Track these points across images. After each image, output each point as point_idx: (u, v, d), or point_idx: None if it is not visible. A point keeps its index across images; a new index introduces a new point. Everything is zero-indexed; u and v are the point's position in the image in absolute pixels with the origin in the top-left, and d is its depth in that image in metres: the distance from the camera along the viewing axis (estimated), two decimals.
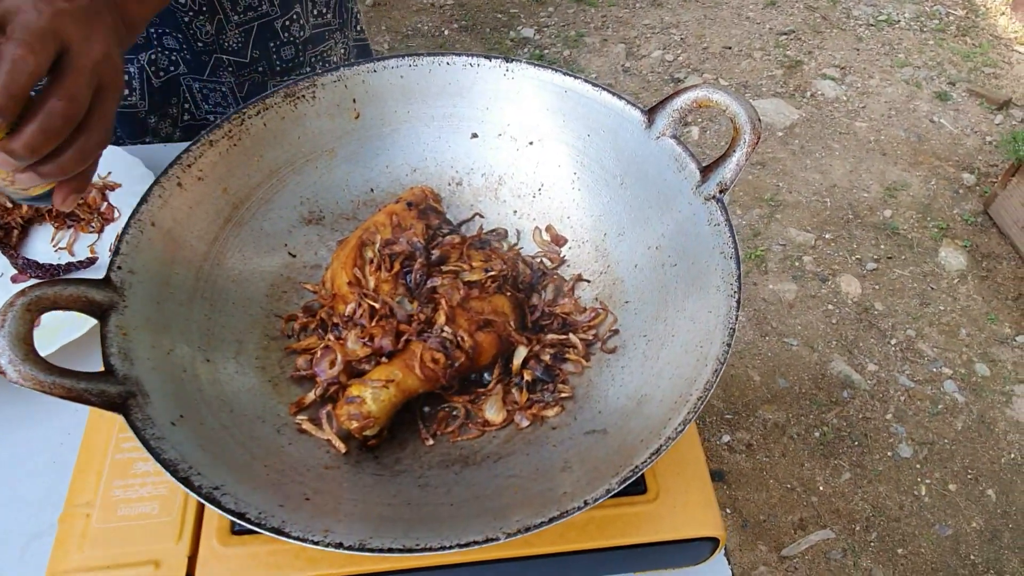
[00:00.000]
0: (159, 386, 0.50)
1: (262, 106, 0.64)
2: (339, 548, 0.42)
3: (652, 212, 0.63)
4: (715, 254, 0.57)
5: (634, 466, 0.46)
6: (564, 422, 0.57)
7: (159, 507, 0.56)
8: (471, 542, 0.43)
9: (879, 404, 1.99)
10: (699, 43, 3.14)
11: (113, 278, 0.52)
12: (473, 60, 0.68)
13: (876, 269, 2.28)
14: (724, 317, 0.53)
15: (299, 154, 0.67)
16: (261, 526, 0.43)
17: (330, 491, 0.50)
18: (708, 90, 0.59)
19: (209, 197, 0.62)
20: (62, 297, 0.48)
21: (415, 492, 0.51)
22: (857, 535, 1.77)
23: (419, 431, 0.58)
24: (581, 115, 0.67)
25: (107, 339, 0.49)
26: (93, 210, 0.87)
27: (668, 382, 0.53)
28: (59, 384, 0.44)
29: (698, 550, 0.59)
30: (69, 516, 0.56)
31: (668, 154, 0.62)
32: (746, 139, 0.57)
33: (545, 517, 0.44)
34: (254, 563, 0.54)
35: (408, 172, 0.71)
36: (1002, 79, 2.92)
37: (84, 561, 0.54)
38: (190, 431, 0.48)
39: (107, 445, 0.59)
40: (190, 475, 0.45)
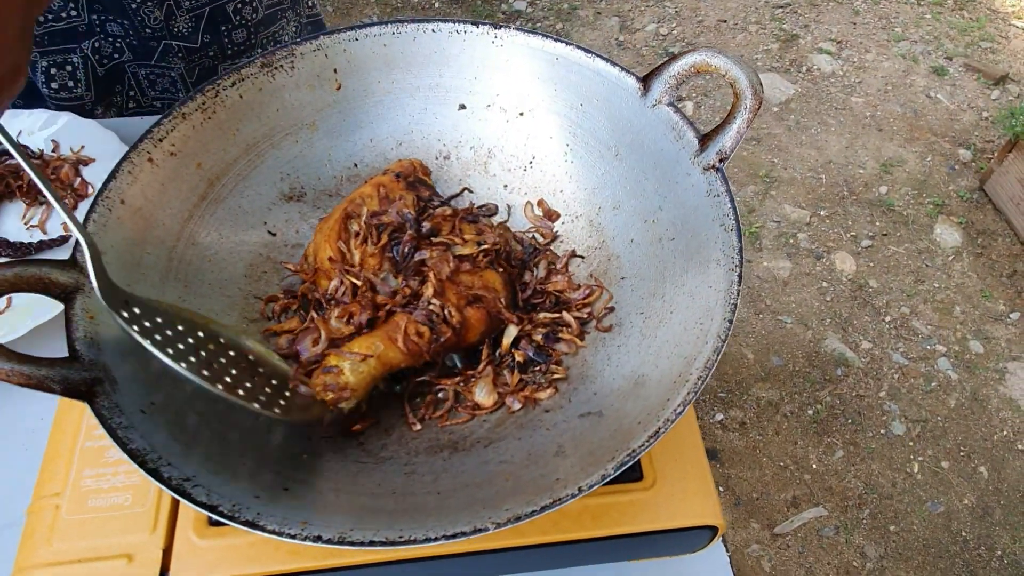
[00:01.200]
0: (129, 372, 0.47)
1: (237, 77, 0.61)
2: (317, 541, 0.40)
3: (649, 184, 0.61)
4: (715, 226, 0.54)
5: (631, 450, 0.44)
6: (558, 404, 0.54)
7: (132, 497, 0.54)
8: (458, 533, 0.40)
9: (873, 382, 1.98)
10: (694, 16, 3.09)
11: (78, 258, 0.49)
12: (460, 27, 0.65)
13: (871, 246, 2.26)
14: (725, 292, 0.50)
15: (278, 127, 0.64)
16: (234, 519, 0.40)
17: (310, 481, 0.48)
18: (707, 54, 0.56)
19: (182, 173, 0.58)
20: (22, 279, 0.45)
21: (400, 480, 0.49)
22: (849, 512, 1.77)
23: (406, 416, 0.55)
24: (573, 84, 0.64)
25: (72, 323, 0.46)
26: (66, 186, 0.83)
27: (667, 361, 0.51)
28: (18, 371, 0.41)
29: (696, 538, 0.57)
30: (37, 508, 0.54)
31: (665, 123, 0.59)
32: (747, 105, 0.54)
33: (537, 506, 0.41)
34: (233, 556, 0.51)
35: (393, 146, 0.68)
36: (999, 54, 2.89)
37: (53, 555, 0.51)
38: (162, 420, 0.46)
39: (77, 432, 0.57)
40: (159, 466, 0.42)
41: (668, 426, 0.45)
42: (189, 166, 0.59)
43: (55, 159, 0.85)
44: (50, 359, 0.44)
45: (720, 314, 0.49)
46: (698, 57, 0.56)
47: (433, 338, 0.53)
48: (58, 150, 0.86)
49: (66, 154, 0.86)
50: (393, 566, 0.53)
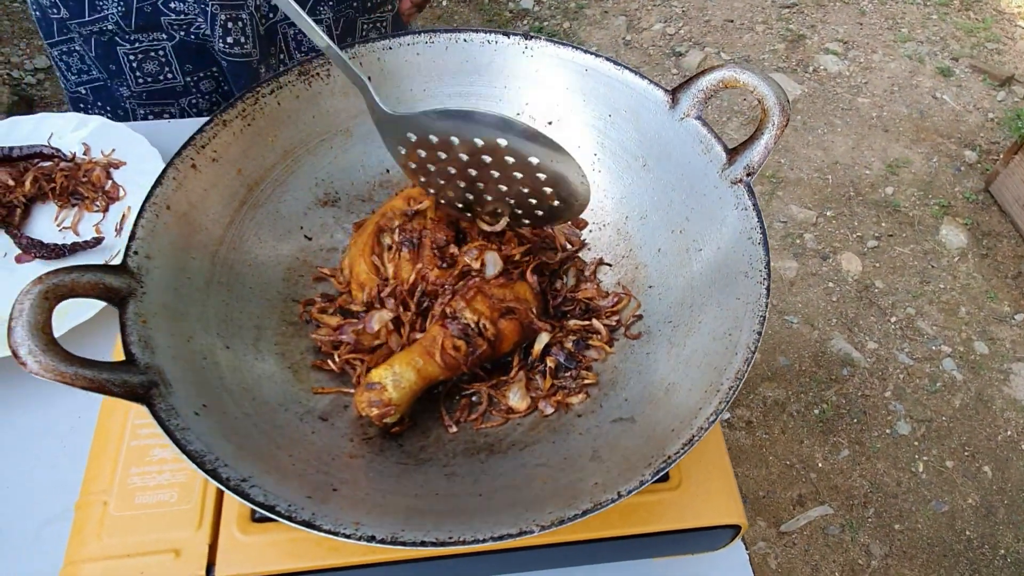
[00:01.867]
0: (180, 375, 0.49)
1: (275, 84, 0.63)
2: (371, 541, 0.42)
3: (676, 195, 0.62)
4: (742, 239, 0.56)
5: (667, 456, 0.46)
6: (589, 409, 0.56)
7: (178, 494, 0.56)
8: (505, 535, 0.42)
9: (878, 382, 2.00)
10: (701, 16, 3.10)
11: (130, 263, 0.51)
12: (491, 37, 0.66)
13: (877, 247, 2.28)
14: (754, 304, 0.52)
15: (313, 134, 0.66)
16: (291, 519, 0.42)
17: (356, 481, 0.49)
18: (735, 70, 0.58)
19: (224, 179, 0.60)
20: (79, 284, 0.47)
21: (442, 482, 0.50)
22: (855, 511, 1.79)
23: (442, 418, 0.57)
24: (602, 95, 0.65)
25: (127, 327, 0.48)
26: (97, 188, 0.85)
27: (697, 370, 0.52)
28: (81, 375, 0.43)
29: (719, 537, 0.59)
30: (86, 504, 0.56)
31: (693, 136, 0.61)
32: (775, 121, 0.56)
33: (579, 509, 0.43)
34: (275, 551, 0.53)
35: None
36: (1005, 55, 2.90)
37: (103, 550, 0.53)
38: (214, 421, 0.47)
39: (122, 432, 0.59)
40: (217, 467, 0.44)
41: (702, 434, 0.46)
42: (230, 172, 0.61)
43: (87, 162, 0.86)
44: (109, 363, 0.45)
45: (749, 326, 0.51)
46: (726, 73, 0.58)
47: (469, 351, 0.55)
48: (89, 153, 0.88)
49: (97, 157, 0.87)
50: (427, 562, 0.55)
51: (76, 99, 1.06)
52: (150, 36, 0.95)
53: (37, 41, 2.80)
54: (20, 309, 0.44)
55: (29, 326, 0.43)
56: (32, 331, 0.43)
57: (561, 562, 0.61)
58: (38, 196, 0.86)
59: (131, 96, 1.01)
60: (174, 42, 0.97)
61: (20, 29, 2.84)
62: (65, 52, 0.99)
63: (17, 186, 0.84)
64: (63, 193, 0.85)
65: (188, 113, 1.05)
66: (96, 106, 1.05)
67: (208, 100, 1.05)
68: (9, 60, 2.71)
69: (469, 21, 3.07)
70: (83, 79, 1.02)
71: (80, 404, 0.73)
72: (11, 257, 0.82)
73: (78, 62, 1.00)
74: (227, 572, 0.52)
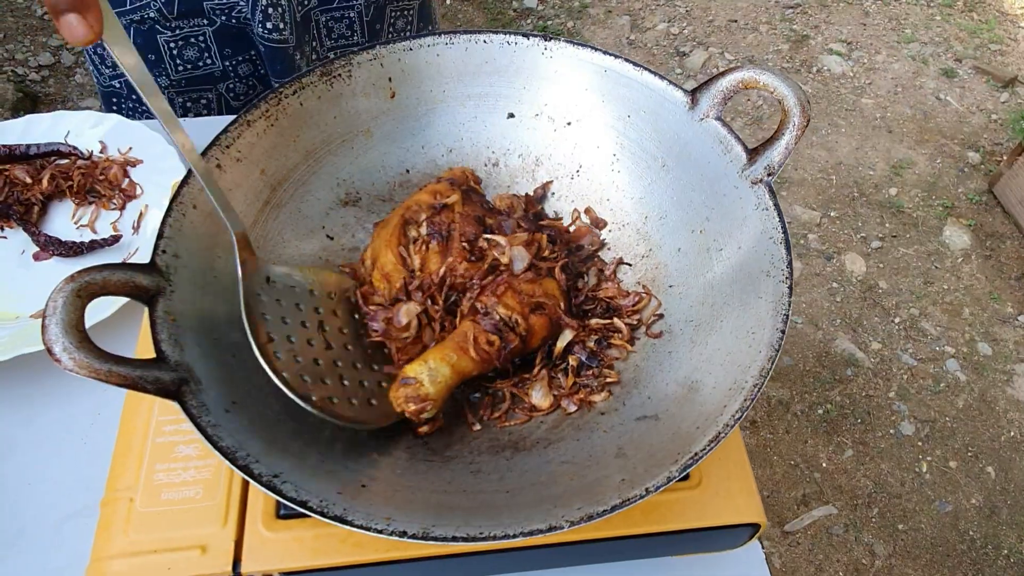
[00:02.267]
0: (209, 372, 0.49)
1: (298, 85, 0.63)
2: (403, 536, 0.42)
3: (695, 195, 0.63)
4: (763, 239, 0.56)
5: (693, 453, 0.46)
6: (612, 408, 0.57)
7: (203, 491, 0.56)
8: (534, 530, 0.42)
9: (882, 382, 2.01)
10: (704, 16, 3.11)
11: (158, 262, 0.51)
12: (510, 38, 0.67)
13: (881, 247, 2.28)
14: (776, 303, 0.52)
15: (335, 134, 0.66)
16: (324, 514, 0.42)
17: (384, 478, 0.50)
18: (755, 71, 0.58)
19: (248, 179, 0.60)
20: (110, 282, 0.47)
21: (468, 479, 0.51)
22: (859, 511, 1.79)
23: (465, 416, 0.57)
24: (621, 96, 0.66)
25: (156, 325, 0.48)
26: (114, 187, 0.86)
27: (720, 368, 0.53)
28: (115, 372, 0.43)
29: (738, 535, 0.60)
30: (111, 500, 0.56)
31: (713, 136, 0.61)
32: (795, 122, 0.56)
33: (607, 505, 0.44)
34: (300, 547, 0.54)
35: (444, 152, 0.70)
36: (1008, 56, 2.91)
37: (130, 545, 0.54)
38: (243, 418, 0.48)
39: (147, 429, 0.59)
40: (249, 463, 0.44)
41: (728, 431, 0.47)
42: (254, 172, 0.61)
43: (104, 160, 0.87)
44: (141, 360, 0.46)
45: (772, 324, 0.51)
46: (746, 74, 0.58)
47: (502, 346, 0.56)
48: (106, 151, 0.88)
49: (114, 155, 0.88)
50: (450, 559, 0.55)
51: (109, 93, 1.06)
52: (191, 22, 0.96)
53: (41, 38, 2.80)
54: (53, 307, 0.44)
55: (63, 324, 0.43)
56: (66, 328, 0.43)
57: (582, 559, 0.62)
58: (55, 194, 0.86)
59: (169, 85, 1.02)
60: (215, 27, 0.97)
61: (24, 26, 2.84)
62: (99, 44, 1.00)
63: (35, 184, 0.85)
64: (80, 191, 0.85)
65: (225, 99, 1.05)
66: (131, 99, 1.06)
67: (245, 84, 1.06)
68: (13, 57, 2.71)
69: (472, 20, 3.07)
70: (117, 72, 1.03)
71: (99, 401, 0.73)
72: (29, 255, 0.82)
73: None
74: (253, 568, 0.53)
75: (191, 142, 0.52)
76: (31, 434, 0.71)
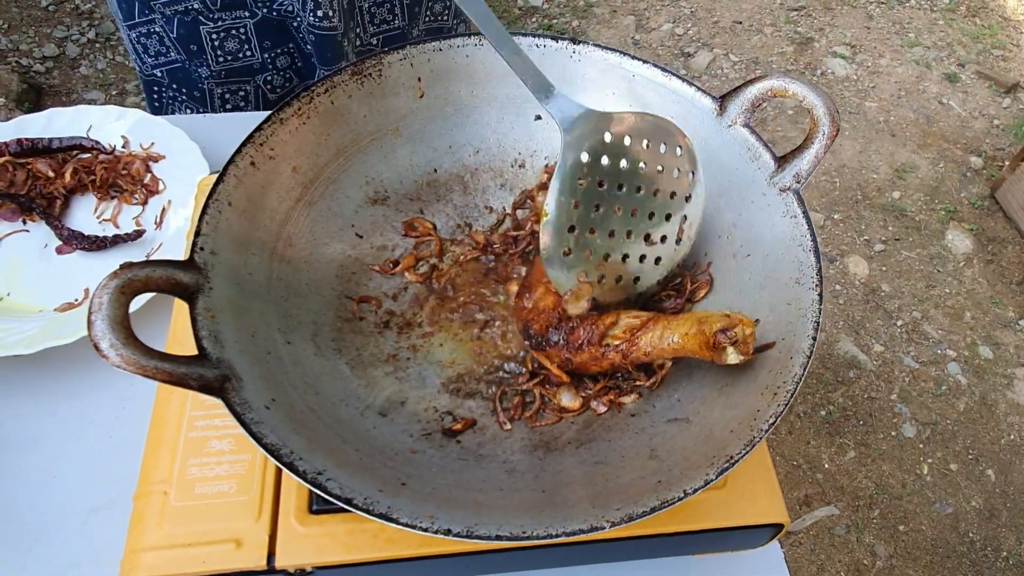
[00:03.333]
0: (248, 369, 0.49)
1: (330, 84, 0.63)
2: (448, 535, 0.43)
3: (723, 201, 0.63)
4: (792, 246, 0.57)
5: (729, 457, 0.47)
6: (642, 409, 0.57)
7: (236, 486, 0.56)
8: (576, 530, 0.43)
9: (884, 384, 2.02)
10: (709, 17, 3.11)
11: (197, 259, 0.52)
12: (539, 41, 0.67)
13: (884, 251, 2.30)
14: (807, 310, 0.53)
15: (364, 133, 0.67)
16: (369, 512, 0.43)
17: (422, 476, 0.50)
18: (784, 80, 0.59)
19: (280, 176, 0.61)
20: (152, 279, 0.48)
21: (503, 478, 0.51)
22: (860, 512, 1.81)
23: (497, 415, 0.58)
24: (649, 101, 0.66)
25: (197, 322, 0.49)
26: (137, 181, 0.86)
27: (751, 372, 0.53)
28: (161, 368, 0.44)
29: (761, 535, 0.61)
30: (145, 494, 0.56)
31: (741, 143, 0.62)
32: (824, 131, 0.57)
33: (647, 507, 0.44)
34: (332, 542, 0.54)
35: (471, 153, 0.71)
36: (1011, 61, 2.92)
37: (165, 538, 0.54)
38: (283, 415, 0.48)
39: (179, 423, 0.59)
40: (293, 460, 0.45)
41: (763, 435, 0.47)
42: (286, 170, 0.61)
43: (126, 155, 0.87)
44: (185, 357, 0.46)
45: (803, 331, 0.52)
46: (776, 82, 0.59)
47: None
48: (128, 146, 0.89)
49: (136, 150, 0.88)
50: (479, 555, 0.56)
51: (150, 82, 1.06)
52: (233, 14, 0.97)
53: (46, 29, 2.79)
54: (99, 303, 0.44)
55: (109, 320, 0.44)
56: (112, 324, 0.44)
57: (604, 556, 0.63)
58: (78, 188, 0.86)
59: (210, 76, 1.03)
60: (256, 19, 0.99)
61: (29, 17, 2.83)
62: (144, 34, 1.00)
63: (57, 177, 0.85)
64: (103, 185, 0.86)
65: (263, 90, 1.07)
66: (171, 88, 1.07)
67: (283, 77, 1.07)
68: (18, 48, 2.70)
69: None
70: (160, 61, 1.03)
71: (123, 396, 0.74)
72: (52, 248, 0.82)
73: (156, 44, 1.01)
74: (287, 563, 0.53)
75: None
76: (56, 427, 0.72)
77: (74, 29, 2.80)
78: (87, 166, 0.86)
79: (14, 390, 0.73)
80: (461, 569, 0.58)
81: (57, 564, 0.65)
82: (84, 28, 2.81)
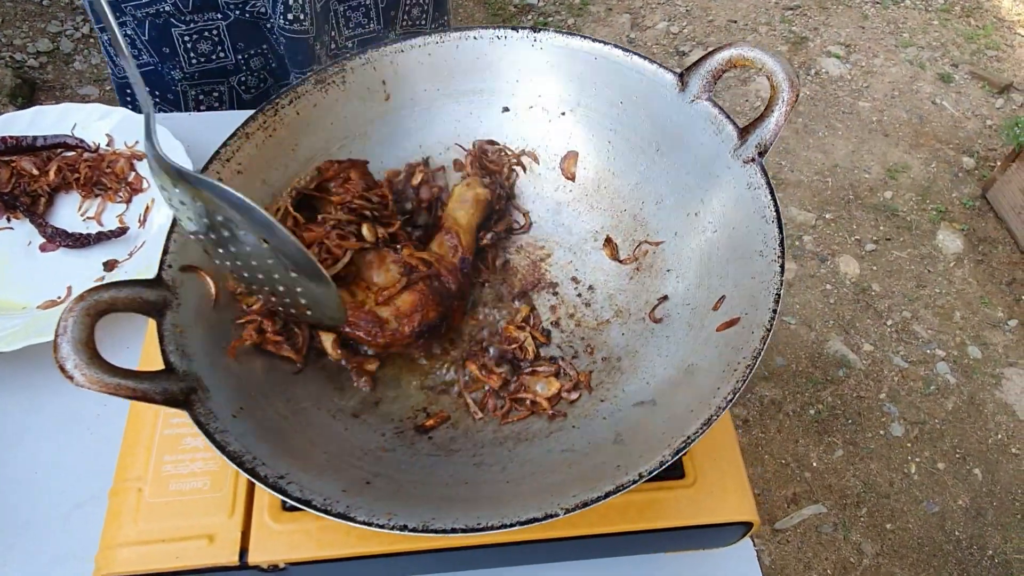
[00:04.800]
0: (217, 380, 0.50)
1: (293, 95, 0.64)
2: (404, 530, 0.43)
3: (690, 178, 0.63)
4: (756, 218, 0.57)
5: (686, 436, 0.47)
6: (612, 395, 0.58)
7: (210, 482, 0.57)
8: (531, 519, 0.44)
9: (873, 384, 2.03)
10: (704, 15, 3.12)
11: (164, 276, 0.53)
12: (500, 33, 0.68)
13: (875, 250, 2.30)
14: (768, 282, 0.53)
15: (333, 140, 0.67)
16: (328, 512, 0.44)
17: (389, 474, 0.51)
18: (742, 48, 0.59)
19: (249, 190, 0.61)
20: (118, 300, 0.49)
21: (471, 471, 0.52)
22: (848, 510, 1.82)
23: (468, 407, 0.59)
24: (613, 82, 0.66)
25: (164, 337, 0.50)
26: (121, 180, 0.87)
27: (715, 350, 0.54)
28: (124, 386, 0.45)
29: (731, 533, 0.62)
30: (121, 490, 0.57)
31: (704, 117, 0.62)
32: (784, 97, 0.57)
33: (601, 491, 0.45)
34: (305, 538, 0.55)
35: (441, 151, 0.71)
36: (1004, 62, 2.93)
37: (139, 534, 0.55)
38: (251, 422, 0.49)
39: (155, 421, 0.60)
40: (255, 466, 0.45)
41: (720, 413, 0.47)
42: (255, 182, 0.62)
43: (110, 153, 0.88)
44: (149, 372, 0.47)
45: (764, 304, 0.52)
46: (734, 51, 0.59)
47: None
48: (112, 144, 0.89)
49: (121, 149, 0.89)
50: (453, 552, 0.57)
51: (123, 85, 1.07)
52: (205, 16, 0.97)
53: (40, 24, 2.79)
54: (64, 326, 0.46)
55: (74, 342, 0.45)
56: (77, 346, 0.45)
57: (578, 555, 0.64)
58: (62, 186, 0.87)
59: (183, 78, 1.03)
60: (228, 21, 0.99)
61: (22, 11, 2.83)
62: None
63: (41, 175, 0.85)
64: (87, 183, 0.86)
65: (237, 91, 1.07)
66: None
67: (257, 77, 1.07)
68: (12, 43, 2.71)
69: (473, 16, 3.08)
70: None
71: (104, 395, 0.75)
72: (35, 246, 0.83)
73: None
74: (260, 558, 0.54)
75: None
76: (38, 424, 0.73)
77: (68, 24, 2.80)
78: (71, 164, 0.86)
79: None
80: (432, 565, 0.59)
81: (40, 559, 0.65)
82: (78, 23, 2.82)
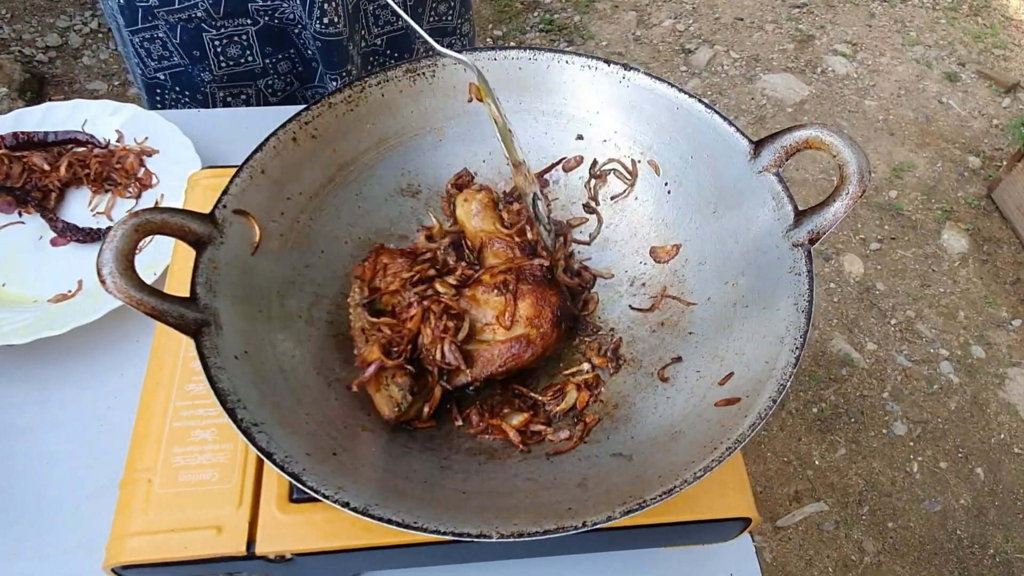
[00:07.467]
0: (232, 320, 0.52)
1: (383, 77, 0.66)
2: (345, 507, 0.44)
3: (737, 248, 0.62)
4: (788, 304, 0.55)
5: (642, 499, 0.46)
6: (596, 439, 0.58)
7: (218, 474, 0.58)
8: (464, 534, 0.44)
9: (876, 382, 2.03)
10: (711, 13, 3.11)
11: (216, 214, 0.55)
12: (591, 63, 0.68)
13: (879, 249, 2.31)
14: (779, 372, 0.51)
15: (409, 127, 0.69)
16: (283, 469, 0.45)
17: (357, 452, 0.52)
18: (822, 132, 0.56)
19: (318, 156, 0.63)
20: (167, 224, 0.51)
21: (435, 472, 0.53)
22: (850, 508, 1.83)
23: (451, 413, 0.60)
24: (688, 135, 0.65)
25: (198, 269, 0.52)
26: (131, 175, 0.88)
27: (705, 424, 0.53)
28: (146, 302, 0.47)
29: (730, 528, 0.62)
30: (131, 481, 0.58)
31: (768, 190, 0.60)
32: (850, 191, 0.54)
33: (540, 528, 0.44)
34: (312, 530, 0.56)
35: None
36: (1011, 61, 2.92)
37: (149, 524, 0.56)
38: (248, 368, 0.51)
39: (165, 413, 0.61)
40: (236, 407, 0.47)
41: (684, 487, 0.46)
42: (325, 150, 0.64)
43: (120, 149, 0.89)
44: (173, 296, 0.49)
45: (768, 392, 0.50)
46: (812, 133, 0.57)
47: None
48: (122, 140, 0.90)
49: (131, 145, 0.90)
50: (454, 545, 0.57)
51: (152, 85, 1.08)
52: (235, 22, 0.99)
53: (49, 19, 2.81)
54: (112, 235, 0.48)
55: (116, 251, 0.47)
56: (117, 256, 0.47)
57: (573, 548, 0.65)
58: (72, 181, 0.88)
59: (212, 80, 1.05)
60: (258, 27, 1.01)
61: (32, 6, 2.85)
62: (147, 39, 1.02)
63: (52, 171, 0.87)
64: (97, 179, 0.87)
65: (264, 94, 1.09)
66: (174, 91, 1.09)
67: (284, 81, 1.09)
68: (21, 38, 2.72)
69: (479, 11, 3.08)
70: (163, 65, 1.05)
71: (115, 385, 0.76)
72: (46, 240, 0.84)
73: (160, 48, 1.03)
74: (267, 549, 0.55)
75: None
76: (49, 416, 0.74)
77: (77, 19, 2.82)
78: (82, 160, 0.87)
79: (8, 379, 0.75)
80: (440, 557, 0.60)
81: (51, 548, 0.66)
82: (87, 18, 2.83)
